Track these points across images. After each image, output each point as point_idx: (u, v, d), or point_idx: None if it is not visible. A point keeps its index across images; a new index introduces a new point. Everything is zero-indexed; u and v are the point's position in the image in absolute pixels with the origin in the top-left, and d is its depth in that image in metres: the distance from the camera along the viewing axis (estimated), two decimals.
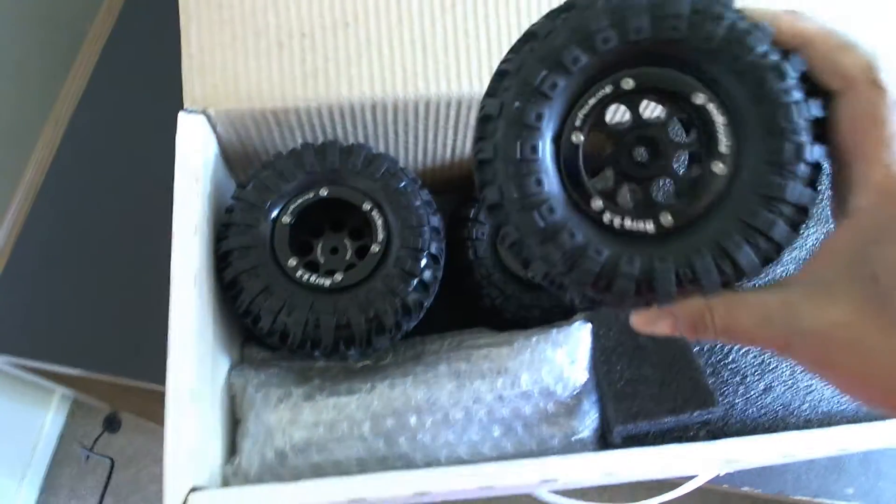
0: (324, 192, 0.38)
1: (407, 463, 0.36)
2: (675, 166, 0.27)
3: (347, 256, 0.40)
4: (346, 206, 0.39)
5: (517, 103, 0.25)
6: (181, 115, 0.36)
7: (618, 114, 0.38)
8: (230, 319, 0.39)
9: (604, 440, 0.37)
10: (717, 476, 0.44)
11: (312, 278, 0.37)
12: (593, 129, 0.26)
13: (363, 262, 0.37)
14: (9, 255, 0.53)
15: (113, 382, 0.53)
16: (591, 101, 0.26)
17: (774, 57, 0.24)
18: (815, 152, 0.24)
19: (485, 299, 0.43)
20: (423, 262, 0.37)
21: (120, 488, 1.25)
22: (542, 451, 0.36)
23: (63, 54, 0.67)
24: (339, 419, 0.36)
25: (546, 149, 0.25)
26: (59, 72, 0.62)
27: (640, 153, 0.27)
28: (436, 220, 0.39)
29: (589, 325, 0.39)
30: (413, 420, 0.36)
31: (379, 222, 0.38)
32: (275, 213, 0.38)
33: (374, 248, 0.37)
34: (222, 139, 0.40)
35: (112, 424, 1.27)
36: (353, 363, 0.40)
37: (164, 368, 0.32)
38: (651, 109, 0.39)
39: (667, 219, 0.25)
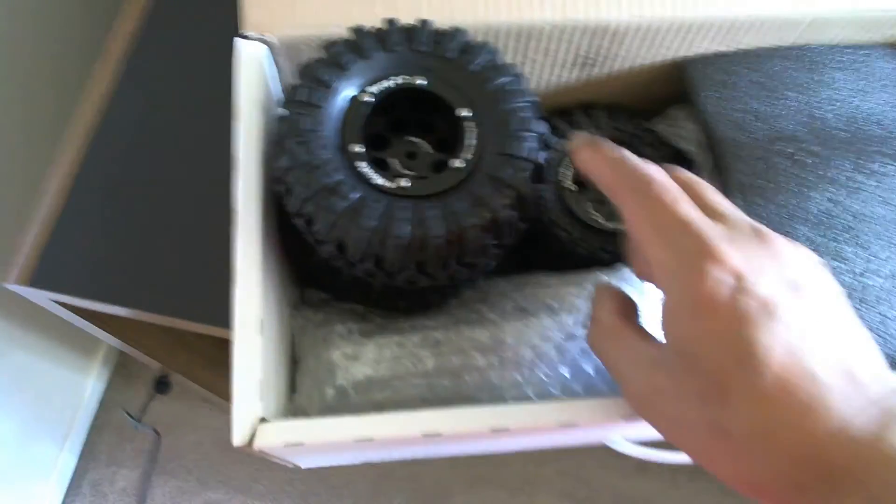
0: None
1: (472, 403, 0.35)
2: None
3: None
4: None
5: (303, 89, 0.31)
6: (239, 42, 0.35)
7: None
8: (291, 260, 0.39)
9: None
10: None
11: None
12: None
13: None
14: (67, 194, 0.52)
15: (164, 334, 0.52)
16: (389, 83, 0.32)
17: (512, 86, 0.32)
18: (538, 155, 0.30)
19: (551, 242, 0.41)
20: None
21: (158, 455, 1.26)
22: (614, 393, 0.35)
23: None
24: (403, 356, 0.35)
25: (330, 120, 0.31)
26: (114, 9, 0.61)
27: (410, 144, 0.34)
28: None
29: None
30: (479, 358, 0.35)
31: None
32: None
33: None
34: (282, 71, 0.38)
35: (162, 386, 1.29)
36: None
37: (221, 311, 0.31)
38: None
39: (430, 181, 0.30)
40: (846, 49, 0.44)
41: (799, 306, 0.23)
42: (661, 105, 0.45)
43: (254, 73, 0.35)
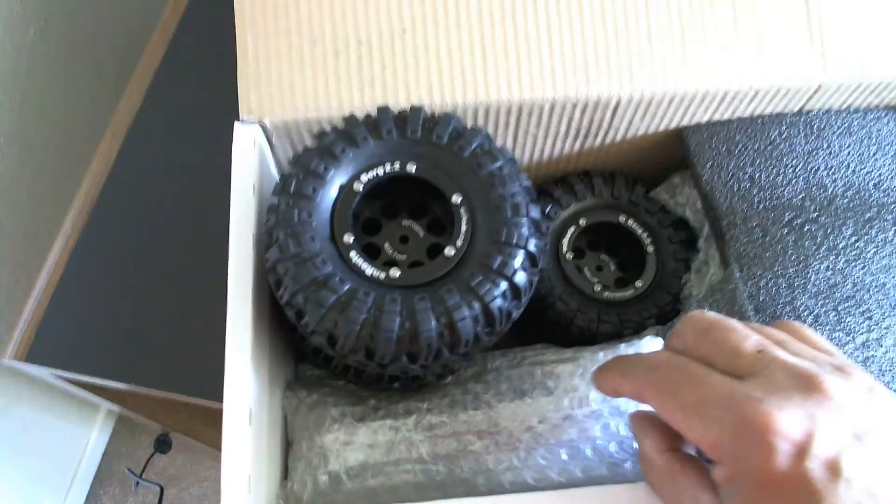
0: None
1: (469, 489, 0.34)
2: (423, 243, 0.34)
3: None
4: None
5: (295, 180, 0.31)
6: (237, 126, 0.36)
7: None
8: (285, 335, 0.38)
9: None
10: None
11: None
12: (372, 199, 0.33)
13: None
14: (63, 269, 0.53)
15: (162, 399, 0.52)
16: (379, 171, 0.32)
17: (504, 172, 0.31)
18: (530, 242, 0.30)
19: (548, 313, 0.41)
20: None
21: None
22: (614, 476, 0.34)
23: (119, 70, 0.68)
24: (396, 440, 0.35)
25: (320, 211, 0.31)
26: (117, 86, 0.62)
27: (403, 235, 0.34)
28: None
29: (660, 340, 0.37)
30: (474, 442, 0.34)
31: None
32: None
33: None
34: (278, 153, 0.39)
35: (163, 445, 1.28)
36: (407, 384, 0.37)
37: (215, 384, 0.31)
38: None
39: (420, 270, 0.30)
40: (847, 114, 0.43)
41: (864, 457, 0.22)
42: (662, 172, 0.45)
43: (250, 157, 0.35)
